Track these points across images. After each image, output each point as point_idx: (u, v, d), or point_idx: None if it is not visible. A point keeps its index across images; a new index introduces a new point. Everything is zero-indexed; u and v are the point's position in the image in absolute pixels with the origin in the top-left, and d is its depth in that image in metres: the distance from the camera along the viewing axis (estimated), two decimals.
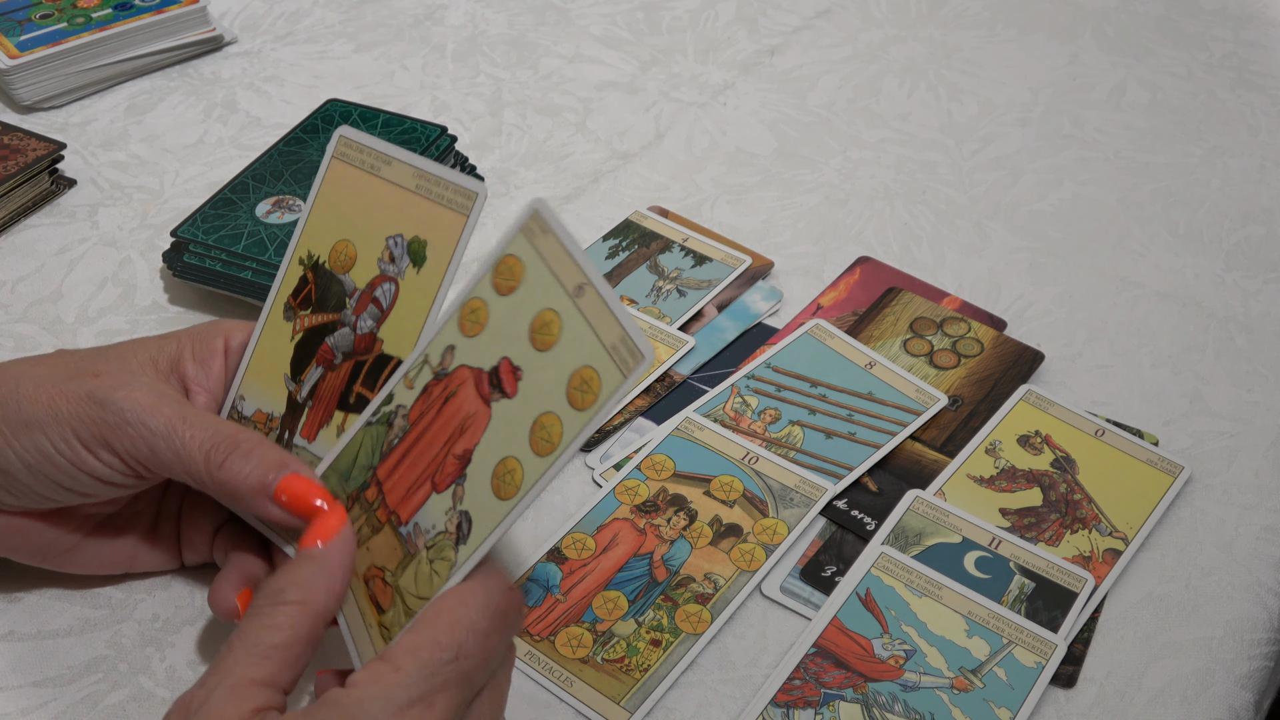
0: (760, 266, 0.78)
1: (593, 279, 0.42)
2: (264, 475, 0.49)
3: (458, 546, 0.45)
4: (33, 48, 0.89)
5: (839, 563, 0.61)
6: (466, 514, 0.45)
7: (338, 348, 0.53)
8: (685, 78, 0.97)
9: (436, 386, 0.47)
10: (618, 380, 0.41)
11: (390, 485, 0.48)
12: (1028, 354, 0.72)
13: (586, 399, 0.42)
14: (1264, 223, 0.85)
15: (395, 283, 0.51)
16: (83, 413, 0.49)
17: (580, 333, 0.43)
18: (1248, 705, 0.57)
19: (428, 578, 0.45)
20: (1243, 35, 1.05)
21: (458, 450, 0.45)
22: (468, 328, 0.46)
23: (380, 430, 0.49)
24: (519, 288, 0.45)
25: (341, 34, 1.01)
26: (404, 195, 0.51)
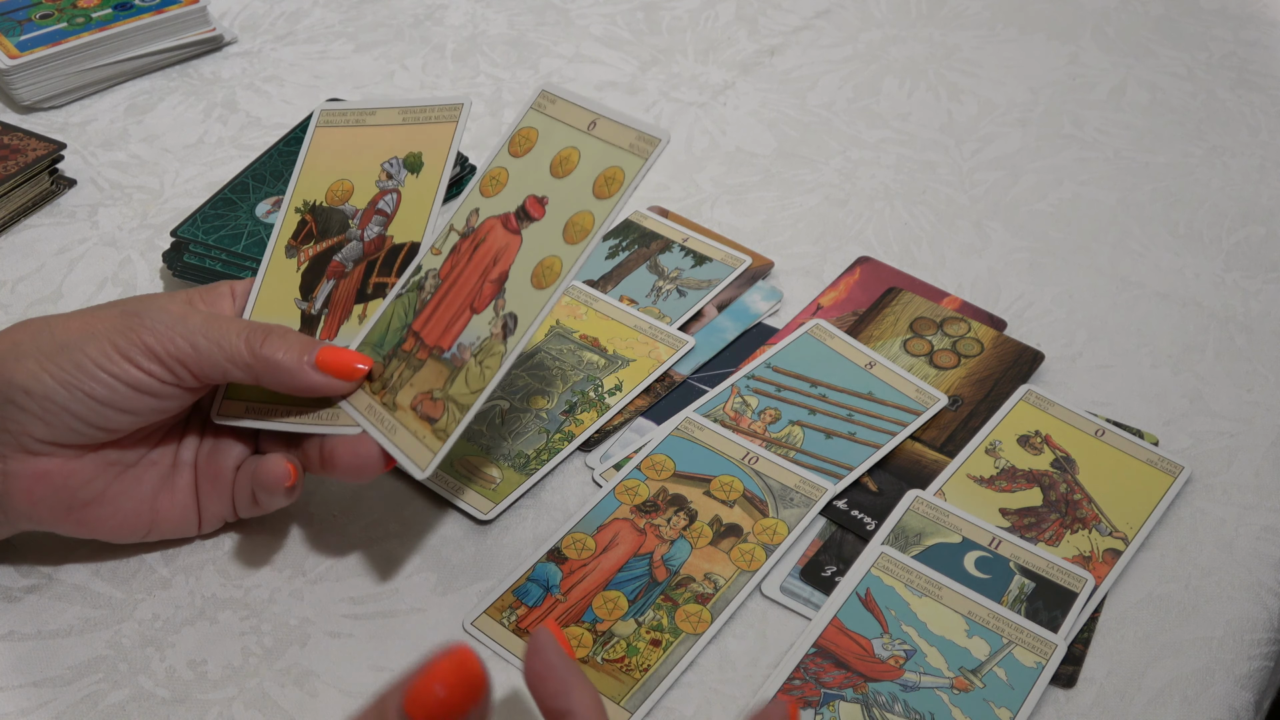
0: (760, 266, 0.78)
1: (603, 112, 0.47)
2: (303, 348, 0.52)
3: (506, 339, 0.47)
4: (33, 48, 0.89)
5: (839, 563, 0.61)
6: (511, 314, 0.47)
7: (347, 259, 0.54)
8: (685, 78, 0.97)
9: (464, 243, 0.50)
10: (638, 165, 0.45)
11: (427, 330, 0.50)
12: (1028, 354, 0.72)
13: (612, 187, 0.46)
14: (1264, 223, 0.85)
15: (397, 192, 0.53)
16: (120, 325, 0.52)
17: (598, 150, 0.47)
18: (1248, 705, 0.57)
19: (478, 375, 0.47)
20: (1243, 35, 1.05)
21: (493, 276, 0.48)
22: (489, 190, 0.50)
23: (412, 296, 0.52)
24: (535, 146, 0.49)
25: (341, 34, 1.01)
26: (392, 130, 0.54)
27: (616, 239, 0.79)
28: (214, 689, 0.55)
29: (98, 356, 0.51)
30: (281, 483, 0.54)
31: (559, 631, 0.46)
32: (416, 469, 0.50)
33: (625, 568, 0.60)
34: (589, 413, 0.67)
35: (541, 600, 0.58)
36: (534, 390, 0.68)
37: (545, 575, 0.60)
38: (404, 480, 0.64)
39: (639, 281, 0.76)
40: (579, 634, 0.57)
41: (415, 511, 0.63)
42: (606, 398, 0.68)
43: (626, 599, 0.59)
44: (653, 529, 0.62)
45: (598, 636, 0.57)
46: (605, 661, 0.56)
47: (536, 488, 0.64)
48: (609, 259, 0.78)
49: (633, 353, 0.71)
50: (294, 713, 0.54)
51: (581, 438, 0.66)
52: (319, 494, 0.63)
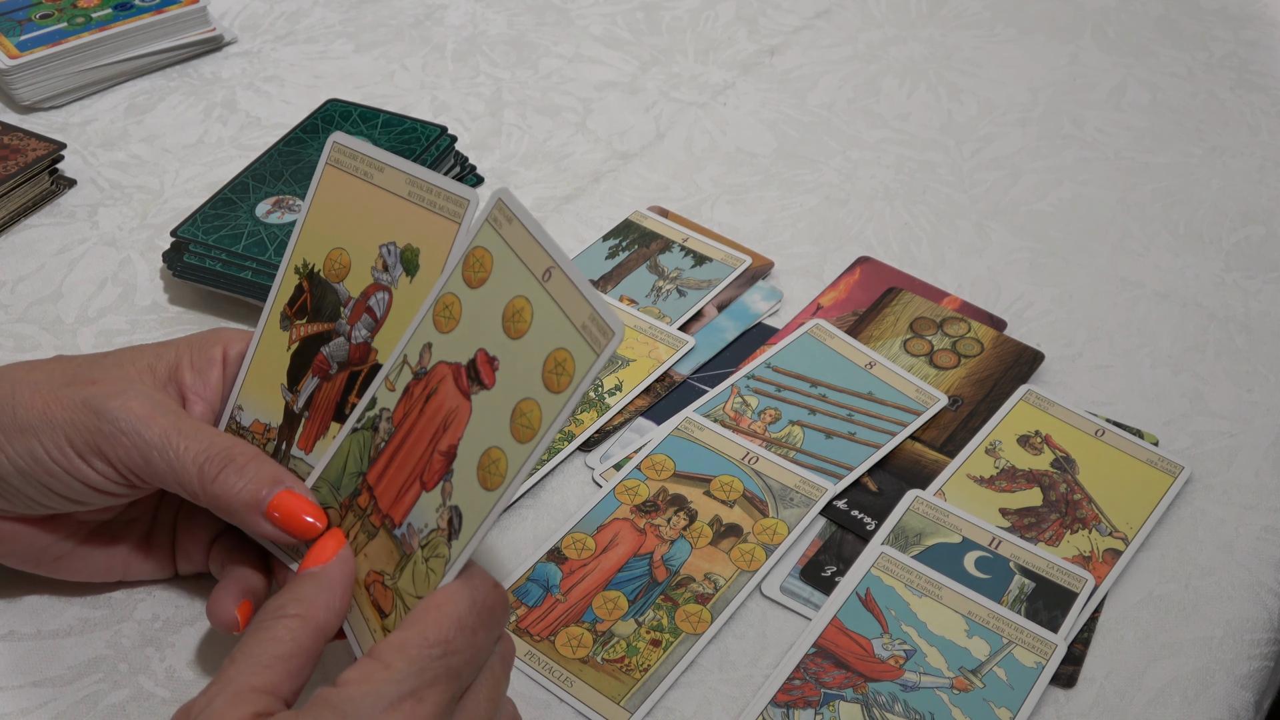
0: (760, 266, 0.78)
1: (559, 261, 0.43)
2: (257, 491, 0.49)
3: (450, 542, 0.45)
4: (33, 48, 0.89)
5: (839, 563, 0.61)
6: (456, 508, 0.45)
7: (333, 358, 0.53)
8: (685, 78, 0.97)
9: (417, 386, 0.48)
10: (590, 359, 0.42)
11: (381, 489, 0.48)
12: (1028, 354, 0.72)
13: (562, 381, 0.43)
14: (1264, 223, 0.85)
15: (389, 291, 0.52)
16: (78, 420, 0.49)
17: (551, 316, 0.43)
18: (1248, 705, 0.57)
19: (424, 576, 0.46)
20: (1243, 35, 1.05)
21: (443, 446, 0.46)
22: (442, 324, 0.47)
23: (367, 435, 0.49)
24: (489, 279, 0.46)
25: (341, 34, 1.01)
26: (397, 203, 0.52)
27: (617, 239, 0.79)
28: None
29: (51, 449, 0.49)
30: (229, 630, 0.52)
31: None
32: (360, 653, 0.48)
33: (625, 568, 0.60)
34: (589, 413, 0.67)
35: (541, 600, 0.58)
36: None
37: (545, 575, 0.60)
38: None
39: (639, 281, 0.76)
40: (579, 634, 0.57)
41: None
42: (606, 398, 0.68)
43: (626, 599, 0.59)
44: (653, 529, 0.62)
45: (598, 636, 0.57)
46: (605, 661, 0.56)
47: (536, 488, 0.64)
48: (609, 259, 0.78)
49: (633, 353, 0.71)
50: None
51: (581, 438, 0.66)
52: None
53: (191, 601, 0.58)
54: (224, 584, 0.52)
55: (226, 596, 0.52)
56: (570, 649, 0.57)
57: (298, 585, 0.47)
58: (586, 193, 0.85)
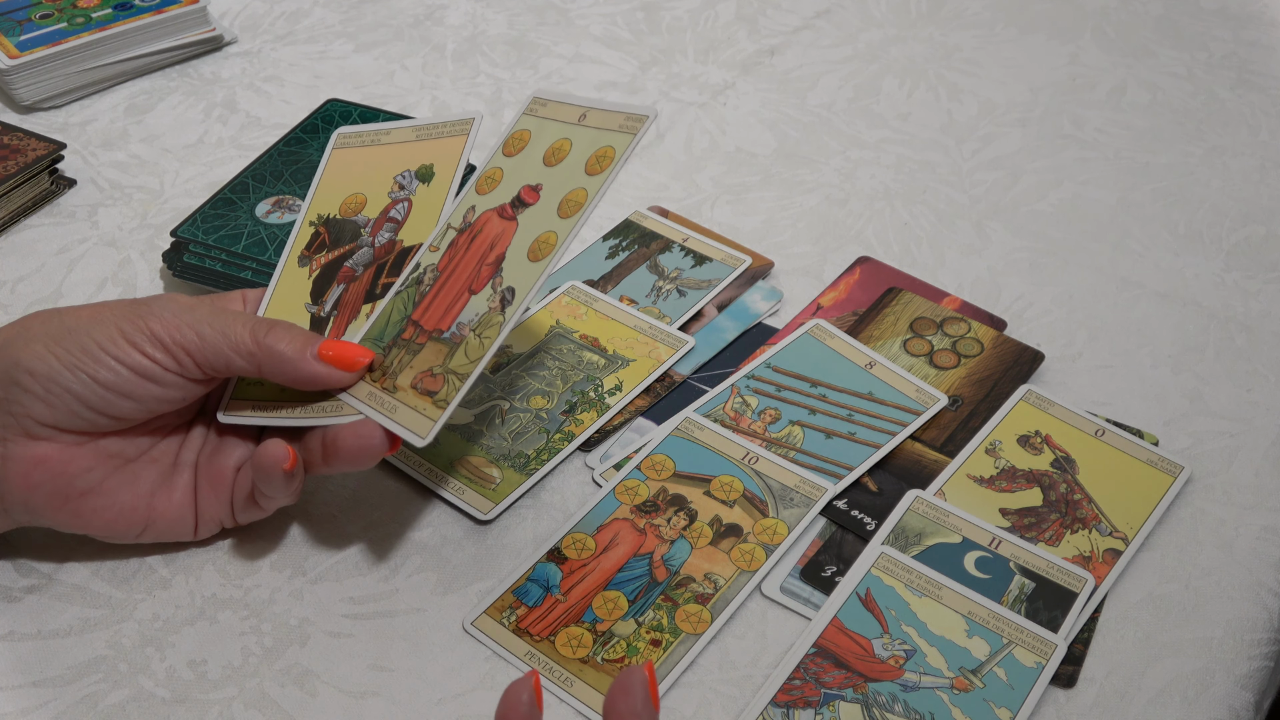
0: (760, 266, 0.78)
1: (593, 104, 0.49)
2: (306, 340, 0.53)
3: (504, 310, 0.48)
4: (33, 48, 0.89)
5: (839, 563, 0.61)
6: (509, 288, 0.49)
7: (358, 264, 0.55)
8: (685, 78, 0.97)
9: (461, 237, 0.51)
10: (627, 141, 0.47)
11: (427, 317, 0.51)
12: (1028, 354, 0.72)
13: (604, 164, 0.47)
14: (1264, 223, 0.85)
15: (408, 200, 0.54)
16: (128, 312, 0.53)
17: (590, 136, 0.48)
18: (1248, 705, 0.57)
19: (477, 346, 0.49)
20: (1243, 35, 1.05)
21: (490, 259, 0.50)
22: (484, 188, 0.52)
23: (410, 291, 0.53)
24: (528, 145, 0.51)
25: (341, 34, 1.01)
26: (405, 146, 0.56)
27: (617, 239, 0.79)
28: (214, 689, 0.55)
29: (104, 341, 0.52)
30: (280, 464, 0.54)
31: (653, 676, 0.46)
32: (417, 438, 0.51)
33: (625, 568, 0.60)
34: (589, 413, 0.67)
35: (541, 600, 0.58)
36: (534, 390, 0.68)
37: (545, 575, 0.60)
38: (404, 480, 0.64)
39: (639, 281, 0.76)
40: (579, 634, 0.57)
41: (415, 511, 0.63)
42: (606, 398, 0.68)
43: (626, 599, 0.59)
44: (653, 529, 0.62)
45: (598, 636, 0.57)
46: (605, 661, 0.56)
47: (536, 488, 0.64)
48: (609, 259, 0.78)
49: (633, 353, 0.71)
50: (294, 713, 0.54)
51: (581, 438, 0.66)
52: (319, 494, 0.63)
53: (192, 601, 0.58)
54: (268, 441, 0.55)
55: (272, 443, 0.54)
56: (570, 649, 0.57)
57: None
58: None
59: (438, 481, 0.63)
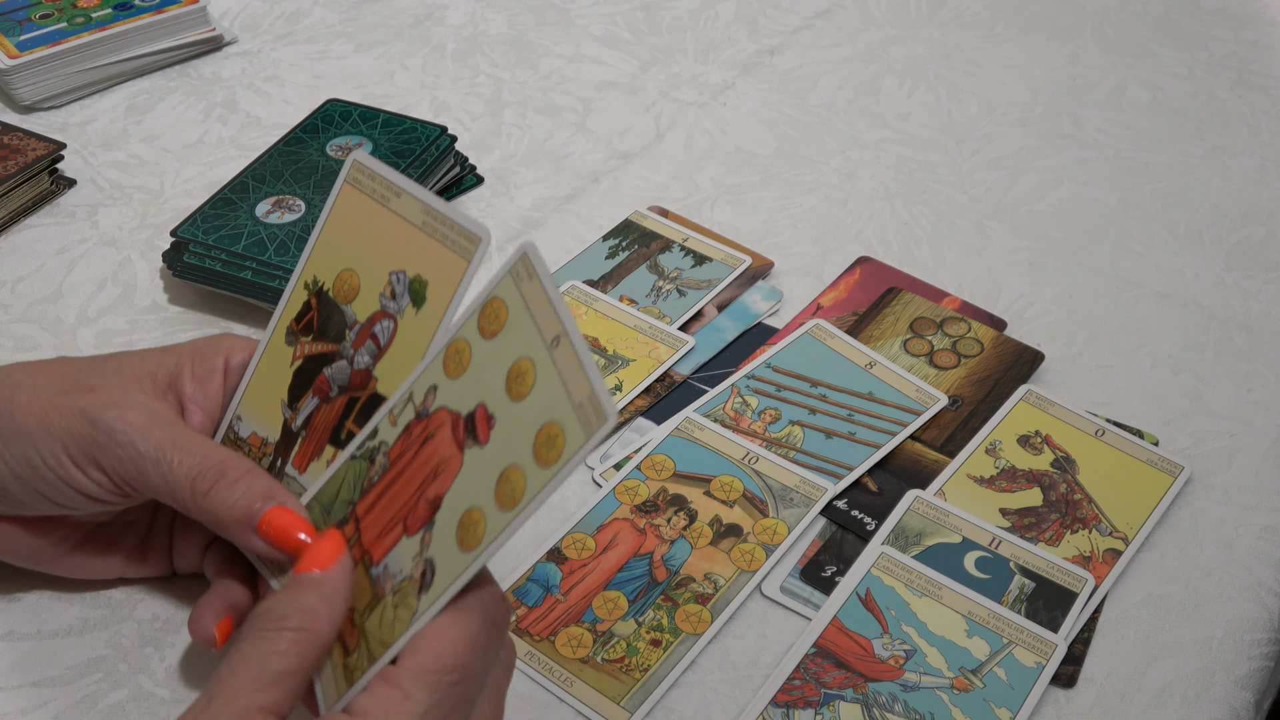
0: (760, 266, 0.78)
1: (569, 331, 0.43)
2: (249, 505, 0.49)
3: (420, 594, 0.45)
4: (33, 48, 0.89)
5: (839, 563, 0.61)
6: (431, 561, 0.45)
7: (334, 380, 0.53)
8: (685, 78, 0.97)
9: (418, 426, 0.48)
10: (580, 440, 0.41)
11: (367, 523, 0.48)
12: (1028, 354, 0.72)
13: (550, 456, 0.42)
14: (1264, 223, 0.85)
15: (394, 320, 0.52)
16: (74, 429, 0.49)
17: (552, 386, 0.43)
18: (1248, 705, 0.57)
19: (390, 623, 0.46)
20: (1243, 35, 1.05)
21: (429, 495, 0.46)
22: (451, 368, 0.47)
23: (363, 465, 0.49)
24: (501, 332, 0.46)
25: (341, 34, 1.01)
26: (410, 230, 0.52)
27: (617, 239, 0.79)
28: None
29: (47, 456, 0.49)
30: (207, 646, 0.51)
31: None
32: (323, 704, 0.48)
33: (625, 568, 0.60)
34: None
35: (541, 600, 0.58)
36: None
37: (545, 575, 0.60)
38: None
39: (639, 281, 0.76)
40: (579, 634, 0.57)
41: None
42: None
43: (626, 599, 0.59)
44: (653, 529, 0.62)
45: (598, 636, 0.57)
46: (605, 661, 0.56)
47: None
48: (609, 259, 0.78)
49: (633, 353, 0.71)
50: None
51: None
52: None
53: (191, 601, 0.58)
54: (208, 597, 0.52)
55: (208, 611, 0.51)
56: (570, 649, 0.57)
57: (299, 593, 0.46)
58: (586, 193, 0.85)
59: None
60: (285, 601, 0.45)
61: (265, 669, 0.43)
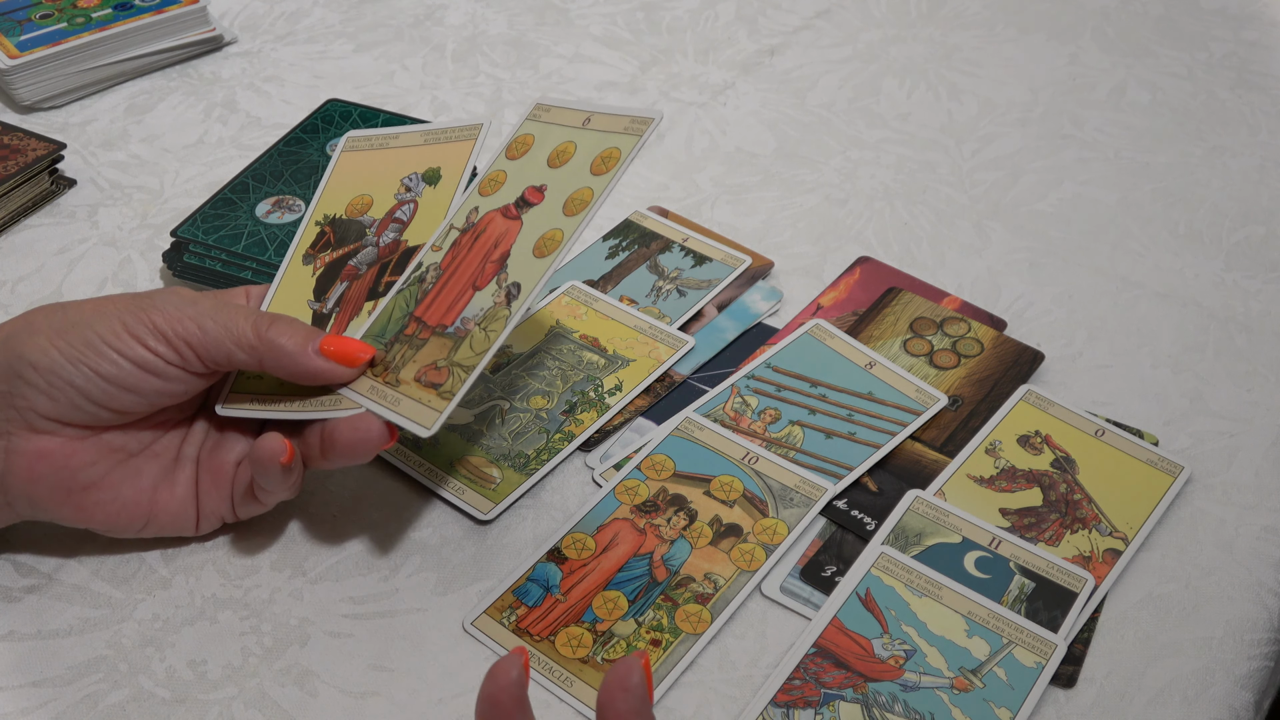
0: (760, 266, 0.78)
1: (599, 109, 0.49)
2: (308, 335, 0.53)
3: (510, 304, 0.49)
4: (33, 48, 0.89)
5: (839, 563, 0.61)
6: (514, 283, 0.49)
7: (362, 263, 0.55)
8: (685, 78, 0.97)
9: (465, 237, 0.52)
10: (633, 142, 0.47)
11: (430, 313, 0.52)
12: (1028, 354, 0.72)
13: (609, 164, 0.48)
14: (1264, 223, 0.85)
15: (414, 202, 0.54)
16: (131, 305, 0.53)
17: (594, 139, 0.49)
18: (1248, 705, 0.57)
19: (482, 339, 0.49)
20: (1243, 35, 1.05)
21: (495, 256, 0.50)
22: (487, 190, 0.52)
23: (413, 289, 0.53)
24: (532, 148, 0.51)
25: (341, 34, 1.01)
26: (414, 150, 0.56)
27: (617, 239, 0.79)
28: (214, 689, 0.55)
29: (106, 334, 0.52)
30: (277, 458, 0.54)
31: (649, 669, 0.44)
32: (421, 429, 0.51)
33: (625, 568, 0.60)
34: (589, 413, 0.67)
35: (541, 600, 0.58)
36: (534, 390, 0.68)
37: (545, 575, 0.60)
38: (404, 480, 0.64)
39: (639, 281, 0.76)
40: (579, 634, 0.57)
41: (415, 511, 0.63)
42: (606, 398, 0.68)
43: (626, 599, 0.59)
44: (653, 529, 0.62)
45: (598, 636, 0.57)
46: (605, 661, 0.56)
47: (536, 488, 0.64)
48: (609, 259, 0.78)
49: (633, 353, 0.71)
50: (294, 713, 0.54)
51: (581, 438, 0.66)
52: (319, 494, 0.63)
53: (191, 601, 0.58)
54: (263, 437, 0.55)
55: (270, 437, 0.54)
56: (570, 649, 0.57)
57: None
58: None
59: (438, 481, 0.63)
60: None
61: None
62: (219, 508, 0.58)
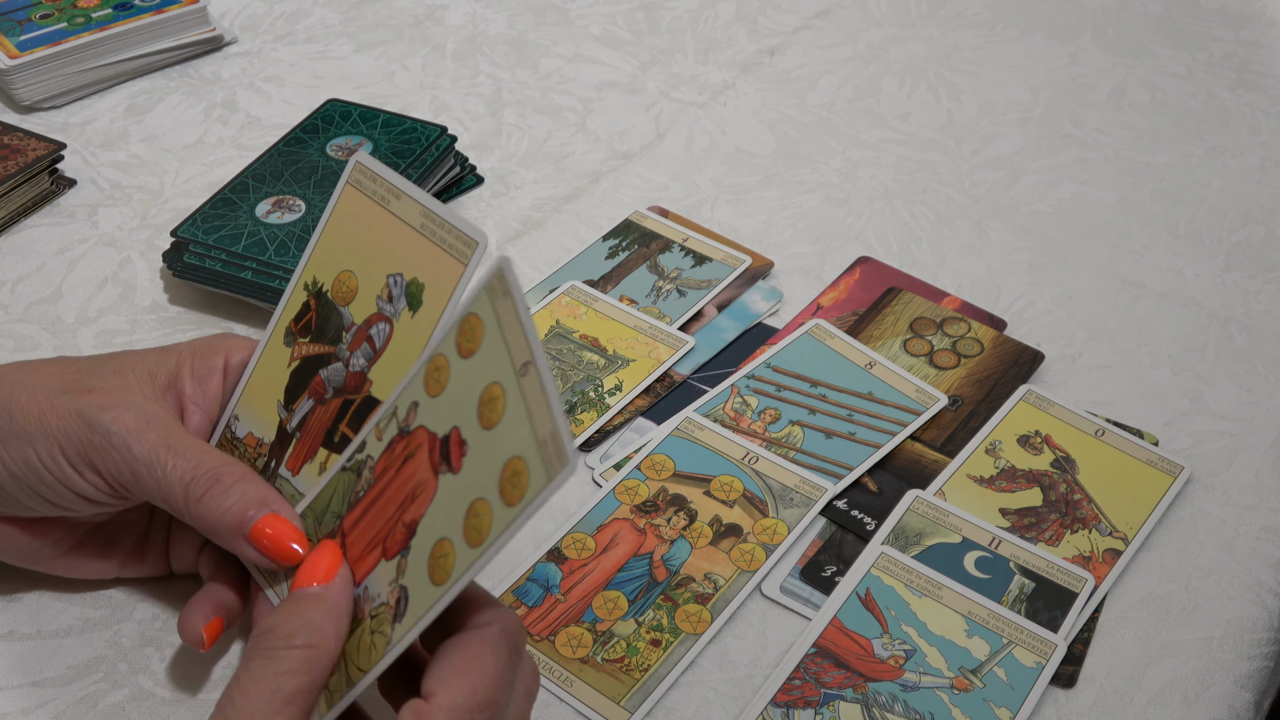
0: (760, 266, 0.78)
1: (537, 359, 0.42)
2: (242, 512, 0.49)
3: (394, 624, 0.45)
4: (33, 48, 0.89)
5: (839, 563, 0.61)
6: (405, 590, 0.45)
7: (330, 382, 0.53)
8: (685, 78, 0.97)
9: (400, 443, 0.48)
10: (542, 482, 0.41)
11: (351, 539, 0.48)
12: (1028, 354, 0.72)
13: (514, 495, 0.42)
14: (1264, 223, 0.85)
15: (390, 324, 0.52)
16: (70, 430, 0.49)
17: (518, 418, 0.42)
18: (1248, 705, 0.57)
19: (368, 649, 0.46)
20: (1243, 35, 1.05)
21: (407, 519, 0.46)
22: (431, 386, 0.47)
23: (350, 478, 0.50)
24: (477, 352, 0.45)
25: (341, 34, 1.01)
26: (408, 233, 0.52)
27: (617, 239, 0.79)
28: (214, 689, 0.54)
29: (44, 457, 0.50)
30: (195, 647, 0.52)
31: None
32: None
33: (625, 568, 0.60)
34: (589, 413, 0.67)
35: (541, 600, 0.58)
36: None
37: (545, 575, 0.60)
38: None
39: (639, 281, 0.76)
40: (579, 634, 0.57)
41: None
42: (606, 398, 0.68)
43: (626, 599, 0.59)
44: (653, 529, 0.62)
45: (598, 636, 0.57)
46: (605, 661, 0.56)
47: None
48: (609, 259, 0.78)
49: (633, 353, 0.71)
50: None
51: (581, 438, 0.66)
52: None
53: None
54: (195, 600, 0.52)
55: (197, 613, 0.51)
56: (570, 649, 0.57)
57: (304, 609, 0.45)
58: (586, 193, 0.85)
59: None
60: (291, 619, 0.45)
61: (278, 689, 0.43)
62: (190, 567, 0.57)
